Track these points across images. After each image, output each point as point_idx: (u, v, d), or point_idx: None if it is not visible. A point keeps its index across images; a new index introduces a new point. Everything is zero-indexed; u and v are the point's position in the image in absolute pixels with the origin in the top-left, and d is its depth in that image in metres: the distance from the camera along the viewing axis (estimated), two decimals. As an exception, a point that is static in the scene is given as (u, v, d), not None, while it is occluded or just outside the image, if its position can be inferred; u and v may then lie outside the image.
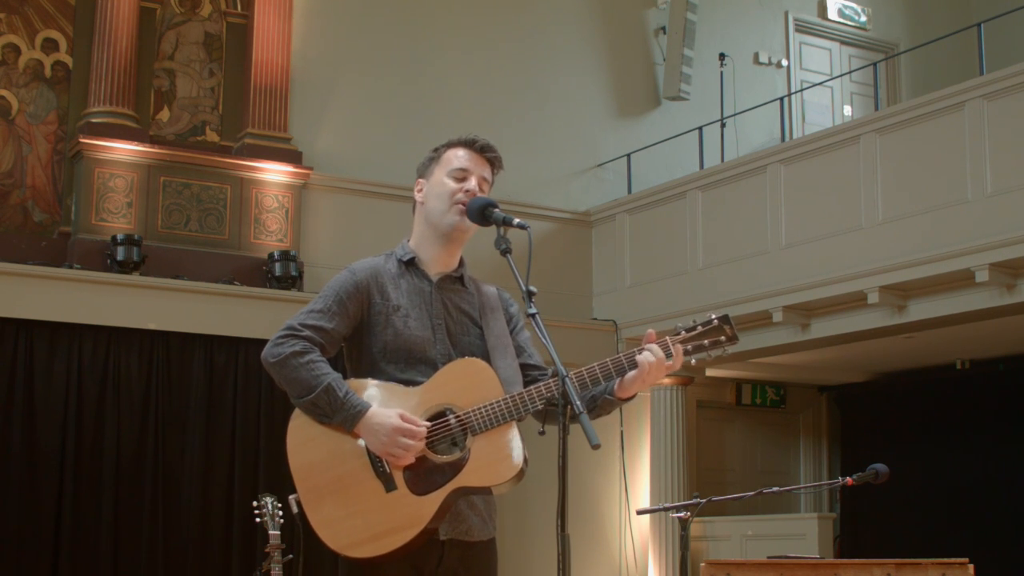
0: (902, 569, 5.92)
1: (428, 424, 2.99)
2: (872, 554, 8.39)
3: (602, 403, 3.12)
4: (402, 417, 2.97)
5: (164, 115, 9.74)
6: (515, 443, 2.95)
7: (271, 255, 9.50)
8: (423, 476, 2.97)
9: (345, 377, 3.14)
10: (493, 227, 3.08)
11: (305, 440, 3.07)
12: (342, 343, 3.18)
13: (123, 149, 9.24)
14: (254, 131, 9.77)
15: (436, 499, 2.95)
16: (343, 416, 3.00)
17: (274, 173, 9.78)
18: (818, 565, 6.35)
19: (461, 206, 3.14)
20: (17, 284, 8.49)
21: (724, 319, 3.10)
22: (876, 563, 6.11)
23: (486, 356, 3.12)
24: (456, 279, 3.23)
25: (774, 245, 9.57)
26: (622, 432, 10.71)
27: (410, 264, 3.20)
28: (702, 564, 6.60)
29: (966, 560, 5.79)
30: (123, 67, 9.34)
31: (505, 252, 2.98)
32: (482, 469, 2.95)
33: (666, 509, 5.51)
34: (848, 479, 5.19)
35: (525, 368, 3.21)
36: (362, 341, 3.16)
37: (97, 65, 9.35)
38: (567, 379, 2.80)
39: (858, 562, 6.34)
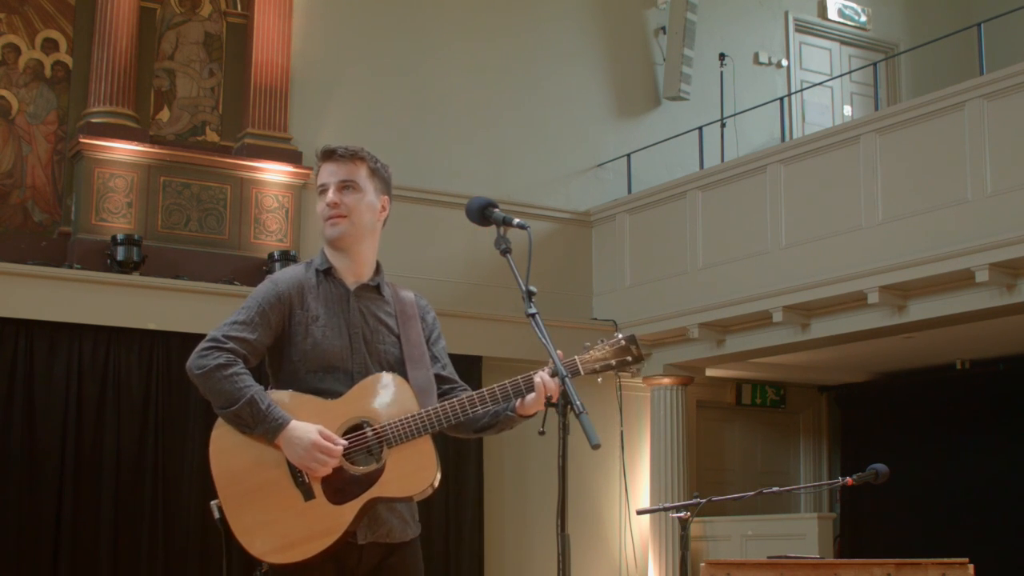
0: (902, 569, 5.92)
1: (345, 442, 3.07)
2: (872, 554, 8.38)
3: (503, 419, 3.20)
4: (321, 434, 3.05)
5: (164, 115, 9.74)
6: (430, 455, 3.06)
7: (271, 255, 9.50)
8: (340, 486, 3.06)
9: (266, 384, 3.21)
10: (493, 227, 3.08)
11: (228, 448, 3.13)
12: (265, 352, 3.23)
13: (123, 149, 9.24)
14: (254, 131, 9.77)
15: (352, 508, 3.04)
16: (264, 428, 3.07)
17: (274, 173, 9.78)
18: (818, 565, 6.35)
19: (331, 220, 3.22)
20: (17, 284, 8.49)
21: (631, 339, 3.19)
22: (876, 563, 6.12)
23: (402, 365, 3.20)
24: (373, 288, 3.29)
25: (774, 245, 9.57)
26: (622, 432, 10.71)
27: (327, 274, 3.26)
28: (702, 564, 6.60)
29: (966, 560, 5.79)
30: (123, 67, 9.34)
31: (505, 252, 3.00)
32: (398, 480, 3.05)
33: (666, 509, 5.52)
34: (848, 479, 5.19)
35: (438, 379, 3.28)
36: (283, 350, 3.22)
37: (97, 65, 9.34)
38: (567, 379, 2.81)
39: (858, 562, 6.34)
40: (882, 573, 5.98)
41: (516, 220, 3.04)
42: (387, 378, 3.13)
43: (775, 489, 5.54)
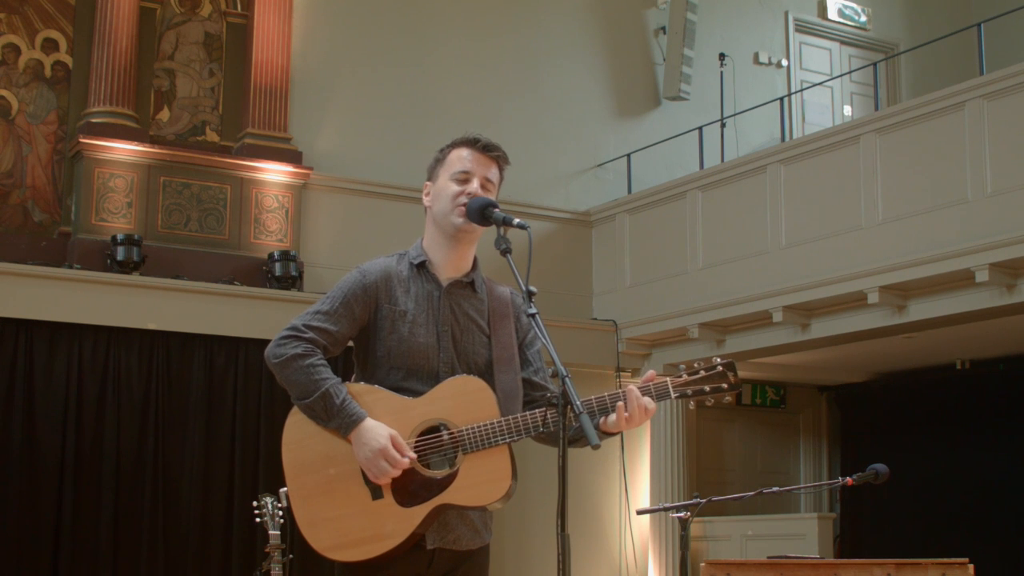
0: (902, 569, 5.92)
1: (414, 455, 3.00)
2: (872, 554, 8.39)
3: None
4: (393, 440, 2.98)
5: (164, 115, 9.74)
6: (505, 465, 2.98)
7: (271, 255, 9.50)
8: (411, 488, 2.99)
9: (353, 375, 3.16)
10: (493, 227, 3.07)
11: (301, 438, 3.08)
12: (348, 343, 3.18)
13: (123, 149, 9.24)
14: (254, 131, 9.77)
15: (420, 512, 2.98)
16: (338, 423, 3.02)
17: (274, 173, 9.78)
18: (818, 565, 6.36)
19: (463, 208, 3.12)
20: (17, 284, 8.49)
21: (729, 366, 3.07)
22: (876, 563, 6.12)
23: (490, 367, 3.11)
24: (467, 284, 3.20)
25: (774, 245, 9.57)
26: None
27: (421, 267, 3.18)
28: (702, 564, 6.61)
29: (966, 560, 5.79)
30: (123, 67, 9.34)
31: (505, 252, 2.98)
32: (468, 489, 2.97)
33: (666, 509, 5.52)
34: (848, 479, 5.19)
35: (529, 385, 3.18)
36: (367, 343, 3.15)
37: (97, 65, 9.35)
38: (567, 379, 2.80)
39: (858, 562, 6.35)
40: (882, 573, 5.98)
41: (516, 220, 3.02)
42: (471, 381, 3.03)
43: (775, 489, 5.53)
